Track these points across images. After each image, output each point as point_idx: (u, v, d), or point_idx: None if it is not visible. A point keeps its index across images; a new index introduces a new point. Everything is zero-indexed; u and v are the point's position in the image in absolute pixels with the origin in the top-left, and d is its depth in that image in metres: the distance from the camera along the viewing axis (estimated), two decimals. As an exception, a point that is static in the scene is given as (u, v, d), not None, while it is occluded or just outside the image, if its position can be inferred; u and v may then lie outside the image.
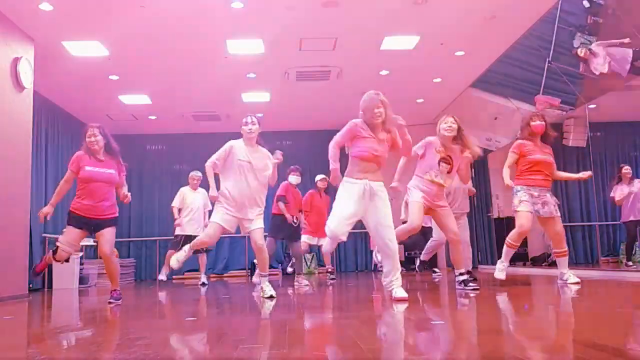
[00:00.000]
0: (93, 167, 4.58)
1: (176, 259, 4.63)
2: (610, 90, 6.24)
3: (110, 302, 4.70)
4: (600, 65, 5.76)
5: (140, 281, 10.22)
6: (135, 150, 10.91)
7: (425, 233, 7.74)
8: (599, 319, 2.77)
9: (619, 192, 7.36)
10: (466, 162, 4.87)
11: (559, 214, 4.90)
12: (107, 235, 4.61)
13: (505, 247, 4.98)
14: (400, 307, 3.57)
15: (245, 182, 4.49)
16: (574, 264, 8.80)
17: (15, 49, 6.18)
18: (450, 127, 4.70)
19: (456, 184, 5.63)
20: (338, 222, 3.93)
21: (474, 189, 6.44)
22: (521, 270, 8.20)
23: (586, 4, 5.70)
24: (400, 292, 3.93)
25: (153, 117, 10.05)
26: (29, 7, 5.80)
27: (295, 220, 6.80)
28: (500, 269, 4.92)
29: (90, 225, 4.60)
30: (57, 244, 4.61)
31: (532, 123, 4.97)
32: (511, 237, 4.92)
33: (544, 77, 6.88)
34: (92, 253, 9.19)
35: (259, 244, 4.56)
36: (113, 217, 4.67)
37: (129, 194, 4.73)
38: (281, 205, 6.72)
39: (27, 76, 6.33)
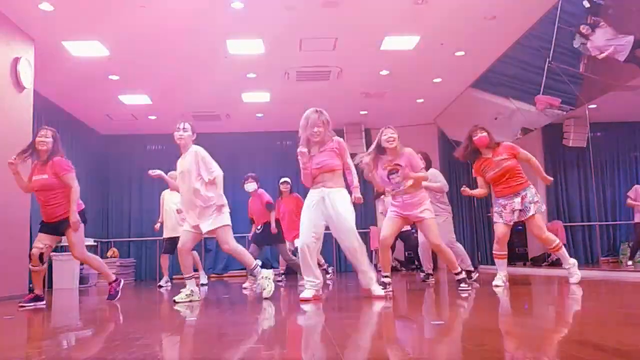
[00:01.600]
0: (34, 175, 4.72)
1: (181, 297, 4.54)
2: (610, 90, 6.24)
3: (109, 298, 4.75)
4: (600, 42, 5.72)
5: (141, 281, 10.22)
6: (135, 150, 10.92)
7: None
8: (599, 319, 2.77)
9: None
10: (409, 157, 4.61)
11: (532, 212, 4.76)
12: (71, 239, 4.71)
13: (495, 259, 5.05)
14: (379, 305, 3.57)
15: (183, 190, 4.60)
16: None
17: (15, 49, 6.18)
18: (390, 137, 4.59)
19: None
20: (303, 234, 4.18)
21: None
22: (521, 270, 8.20)
23: (586, 4, 5.70)
24: (378, 291, 4.12)
25: (153, 117, 10.05)
26: (29, 7, 5.80)
27: (258, 228, 6.81)
28: (498, 278, 4.90)
29: (52, 228, 4.70)
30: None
31: (474, 138, 4.92)
32: (494, 249, 5.03)
33: (544, 77, 6.88)
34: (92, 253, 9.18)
35: (224, 248, 4.54)
36: (66, 218, 4.66)
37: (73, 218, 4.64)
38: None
39: (27, 76, 6.33)
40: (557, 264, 6.42)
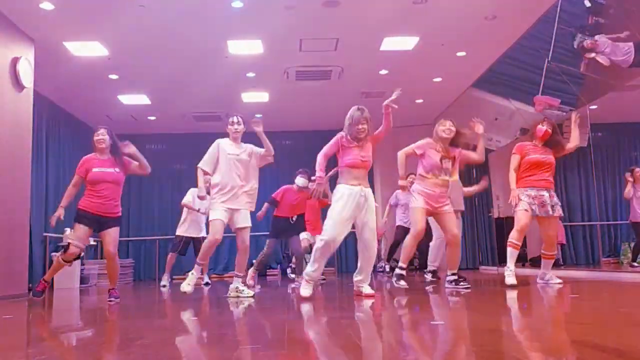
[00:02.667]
0: (100, 167, 4.76)
1: (187, 284, 4.69)
2: (611, 90, 6.24)
3: (110, 301, 4.76)
4: (607, 53, 5.73)
5: (139, 281, 10.22)
6: (135, 150, 10.90)
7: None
8: (599, 319, 2.77)
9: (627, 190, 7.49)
10: (464, 157, 4.98)
11: (557, 214, 4.91)
12: (113, 235, 4.80)
13: (508, 248, 4.98)
14: (368, 303, 3.69)
15: (234, 174, 4.68)
16: (574, 264, 8.81)
17: (15, 49, 6.18)
18: (448, 129, 4.85)
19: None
20: (336, 226, 4.16)
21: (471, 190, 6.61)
22: (521, 271, 8.18)
23: (587, 4, 5.70)
24: (368, 290, 4.30)
25: (153, 117, 10.05)
26: (29, 7, 5.80)
27: (292, 219, 6.76)
28: (509, 274, 4.85)
29: (97, 223, 4.75)
30: (69, 240, 4.81)
31: (538, 126, 5.08)
32: (512, 237, 4.94)
33: (544, 77, 6.88)
34: (92, 253, 9.19)
35: (246, 244, 4.78)
36: (118, 216, 4.86)
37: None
38: (266, 205, 6.73)
39: (27, 76, 6.33)
40: (556, 264, 6.40)
